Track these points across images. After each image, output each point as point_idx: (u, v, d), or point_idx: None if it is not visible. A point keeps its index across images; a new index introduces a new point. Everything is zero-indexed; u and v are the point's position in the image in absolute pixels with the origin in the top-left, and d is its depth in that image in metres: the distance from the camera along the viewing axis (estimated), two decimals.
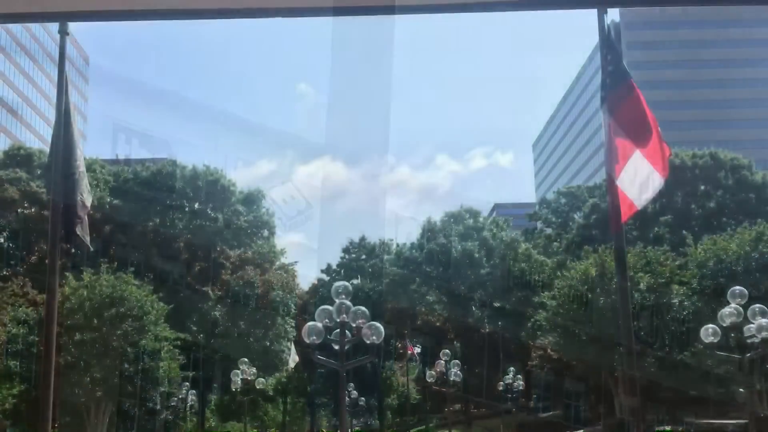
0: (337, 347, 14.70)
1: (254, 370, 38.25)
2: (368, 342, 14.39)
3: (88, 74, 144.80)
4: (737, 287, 19.61)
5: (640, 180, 8.53)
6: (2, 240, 59.35)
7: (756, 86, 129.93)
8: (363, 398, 58.27)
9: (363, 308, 14.59)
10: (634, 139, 8.72)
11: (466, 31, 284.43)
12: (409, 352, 66.31)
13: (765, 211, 52.90)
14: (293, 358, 48.94)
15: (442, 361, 37.29)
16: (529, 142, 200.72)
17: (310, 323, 14.41)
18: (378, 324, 14.55)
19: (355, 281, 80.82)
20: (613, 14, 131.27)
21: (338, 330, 14.57)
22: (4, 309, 32.84)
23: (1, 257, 56.69)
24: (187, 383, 45.74)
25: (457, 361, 38.49)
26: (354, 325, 14.43)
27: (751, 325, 19.08)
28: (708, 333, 19.63)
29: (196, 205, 68.46)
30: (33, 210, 58.35)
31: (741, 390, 40.63)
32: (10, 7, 9.51)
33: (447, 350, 39.47)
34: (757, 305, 19.28)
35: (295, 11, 9.11)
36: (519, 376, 53.79)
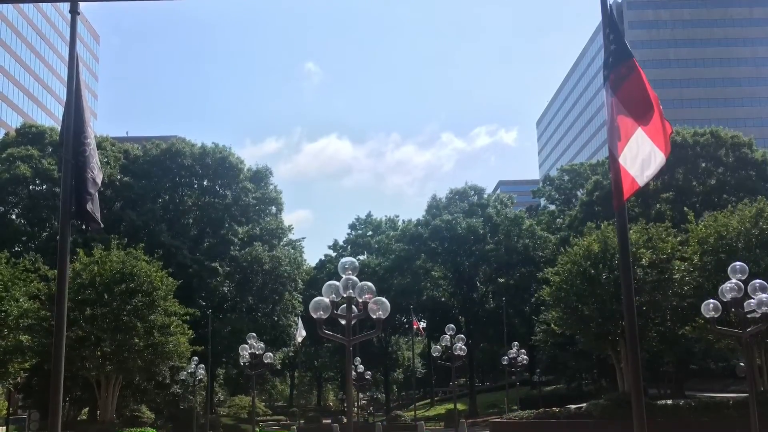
0: (343, 322, 14.93)
1: (262, 344, 38.65)
2: (374, 317, 14.60)
3: (99, 53, 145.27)
4: (738, 263, 19.76)
5: (642, 157, 8.69)
6: (14, 216, 59.92)
7: (757, 65, 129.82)
8: (369, 372, 58.76)
9: (369, 284, 14.75)
10: (636, 117, 8.88)
11: (470, 11, 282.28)
12: (415, 326, 66.75)
13: (765, 188, 53.15)
14: (300, 333, 49.41)
15: (447, 336, 37.64)
16: (533, 120, 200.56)
17: (317, 298, 14.55)
18: (384, 299, 14.72)
19: (361, 257, 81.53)
20: None
21: (345, 305, 14.77)
22: (17, 284, 33.25)
23: (13, 233, 57.29)
24: (196, 357, 46.35)
25: (461, 335, 38.84)
26: (360, 300, 14.60)
27: (752, 300, 19.28)
28: (709, 308, 19.79)
29: (205, 182, 68.83)
30: (44, 187, 58.87)
31: (741, 364, 41.09)
32: None
33: (452, 325, 39.81)
34: (758, 281, 19.43)
35: None
36: (523, 350, 54.26)
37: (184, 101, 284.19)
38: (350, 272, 14.59)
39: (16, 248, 53.45)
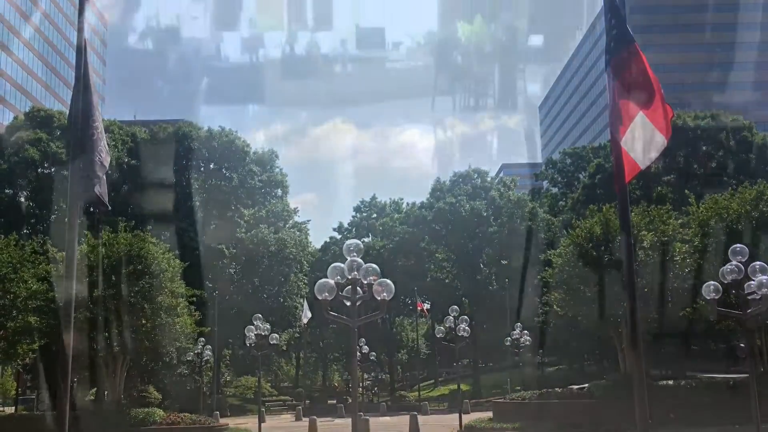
0: (348, 303, 15.12)
1: (268, 325, 39.04)
2: (379, 298, 14.78)
3: (107, 38, 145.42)
4: (738, 245, 19.90)
5: (643, 141, 8.72)
6: (23, 199, 60.33)
7: (757, 49, 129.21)
8: (374, 353, 59.34)
9: (374, 266, 14.93)
10: (638, 101, 8.91)
11: None
12: (419, 308, 67.19)
13: (765, 171, 53.25)
14: (306, 314, 49.81)
15: (451, 317, 37.97)
16: (536, 103, 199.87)
17: (322, 280, 14.69)
18: (388, 281, 14.90)
19: (366, 239, 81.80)
20: None
21: (350, 287, 14.93)
22: (25, 266, 33.56)
23: (22, 216, 57.66)
24: (203, 338, 46.77)
25: (465, 316, 39.17)
26: (365, 282, 14.75)
27: (752, 282, 19.46)
28: (710, 290, 19.98)
29: (212, 165, 69.08)
30: (53, 170, 59.17)
31: (741, 345, 41.33)
32: None
33: (455, 306, 40.14)
34: (758, 263, 19.59)
35: None
36: (526, 331, 54.68)
37: (191, 85, 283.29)
38: (355, 254, 14.72)
39: (25, 230, 53.89)
